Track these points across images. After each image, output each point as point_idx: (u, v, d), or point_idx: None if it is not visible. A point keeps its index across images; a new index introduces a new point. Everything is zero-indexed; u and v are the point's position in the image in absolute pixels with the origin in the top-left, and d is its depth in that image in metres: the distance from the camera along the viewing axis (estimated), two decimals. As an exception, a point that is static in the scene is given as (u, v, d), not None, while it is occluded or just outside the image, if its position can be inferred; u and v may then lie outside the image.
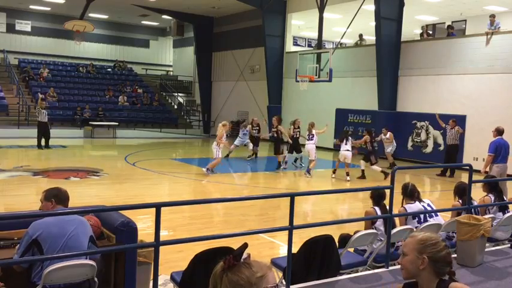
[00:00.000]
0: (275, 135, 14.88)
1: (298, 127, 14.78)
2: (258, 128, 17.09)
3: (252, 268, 1.72)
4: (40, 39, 30.20)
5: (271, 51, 23.25)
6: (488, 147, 9.87)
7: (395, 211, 5.49)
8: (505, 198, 6.85)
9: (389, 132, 16.07)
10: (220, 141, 12.95)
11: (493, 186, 6.55)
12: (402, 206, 5.62)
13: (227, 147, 13.14)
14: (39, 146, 17.52)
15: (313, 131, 14.04)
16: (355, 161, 14.04)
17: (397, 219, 5.69)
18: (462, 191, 6.05)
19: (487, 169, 9.78)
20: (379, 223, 5.33)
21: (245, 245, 1.77)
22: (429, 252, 2.40)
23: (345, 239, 5.20)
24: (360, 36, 21.87)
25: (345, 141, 13.46)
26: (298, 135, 14.71)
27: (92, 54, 31.67)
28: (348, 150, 13.35)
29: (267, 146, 20.70)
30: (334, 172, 13.87)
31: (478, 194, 6.82)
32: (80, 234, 3.67)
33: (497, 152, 9.72)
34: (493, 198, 6.40)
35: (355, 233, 5.14)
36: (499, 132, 9.92)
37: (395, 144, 16.25)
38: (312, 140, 13.96)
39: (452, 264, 2.45)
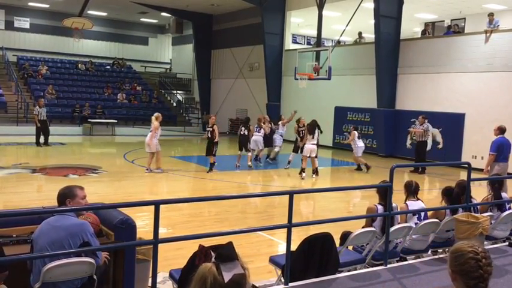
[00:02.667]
0: (209, 135, 13.40)
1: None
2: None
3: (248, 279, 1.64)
4: (39, 36, 30.13)
5: (270, 49, 23.24)
6: (490, 146, 9.74)
7: (397, 208, 5.51)
8: (505, 196, 6.84)
9: (353, 131, 14.96)
10: (154, 133, 12.72)
11: (493, 184, 6.57)
12: (405, 203, 5.63)
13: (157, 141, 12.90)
14: (37, 143, 17.51)
15: (262, 124, 15.01)
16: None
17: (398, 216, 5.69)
18: (463, 190, 6.06)
19: (488, 168, 9.70)
20: (378, 221, 5.33)
21: (231, 244, 1.66)
22: (454, 266, 2.29)
23: (345, 236, 5.21)
24: (359, 34, 21.85)
25: (312, 134, 13.06)
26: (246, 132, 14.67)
27: (91, 51, 31.63)
28: (314, 144, 13.04)
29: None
30: (302, 171, 13.17)
31: (476, 192, 6.83)
32: (64, 245, 3.56)
33: (499, 151, 9.65)
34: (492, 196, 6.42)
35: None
36: (502, 130, 9.80)
37: (358, 144, 14.78)
38: (259, 132, 14.89)
39: (485, 278, 2.23)
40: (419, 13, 21.52)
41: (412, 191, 5.69)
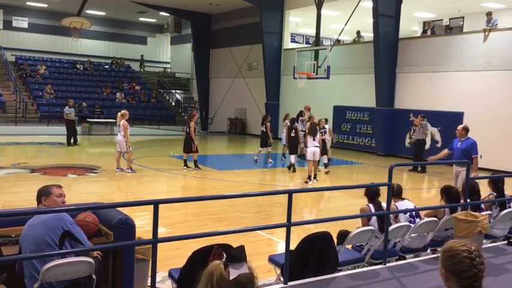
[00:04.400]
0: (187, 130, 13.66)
1: None
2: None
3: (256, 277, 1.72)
4: (37, 36, 30.12)
5: (269, 48, 23.24)
6: (473, 149, 9.19)
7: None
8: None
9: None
10: (126, 133, 12.49)
11: (497, 184, 6.59)
12: (394, 204, 5.65)
13: (128, 141, 12.62)
14: (69, 143, 18.11)
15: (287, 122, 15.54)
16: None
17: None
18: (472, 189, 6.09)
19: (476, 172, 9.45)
20: (373, 220, 5.35)
21: (242, 247, 1.75)
22: (447, 265, 2.24)
23: (343, 235, 5.22)
24: (358, 33, 21.86)
25: (313, 136, 12.21)
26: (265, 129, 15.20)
27: (90, 51, 31.62)
28: (317, 146, 12.23)
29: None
30: (312, 177, 12.24)
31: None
32: (46, 240, 3.54)
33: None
34: (495, 196, 6.45)
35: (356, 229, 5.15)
36: (468, 131, 9.49)
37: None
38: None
39: (479, 277, 2.20)
40: (417, 12, 21.53)
41: (395, 193, 5.69)
